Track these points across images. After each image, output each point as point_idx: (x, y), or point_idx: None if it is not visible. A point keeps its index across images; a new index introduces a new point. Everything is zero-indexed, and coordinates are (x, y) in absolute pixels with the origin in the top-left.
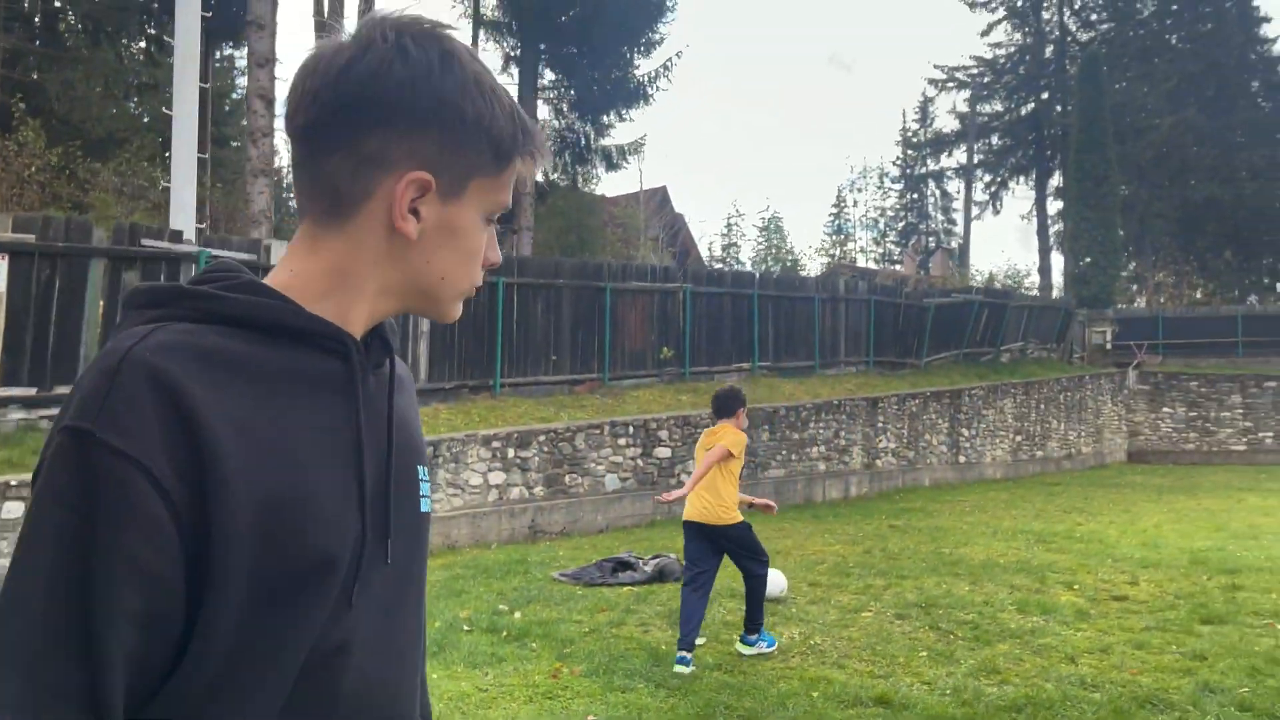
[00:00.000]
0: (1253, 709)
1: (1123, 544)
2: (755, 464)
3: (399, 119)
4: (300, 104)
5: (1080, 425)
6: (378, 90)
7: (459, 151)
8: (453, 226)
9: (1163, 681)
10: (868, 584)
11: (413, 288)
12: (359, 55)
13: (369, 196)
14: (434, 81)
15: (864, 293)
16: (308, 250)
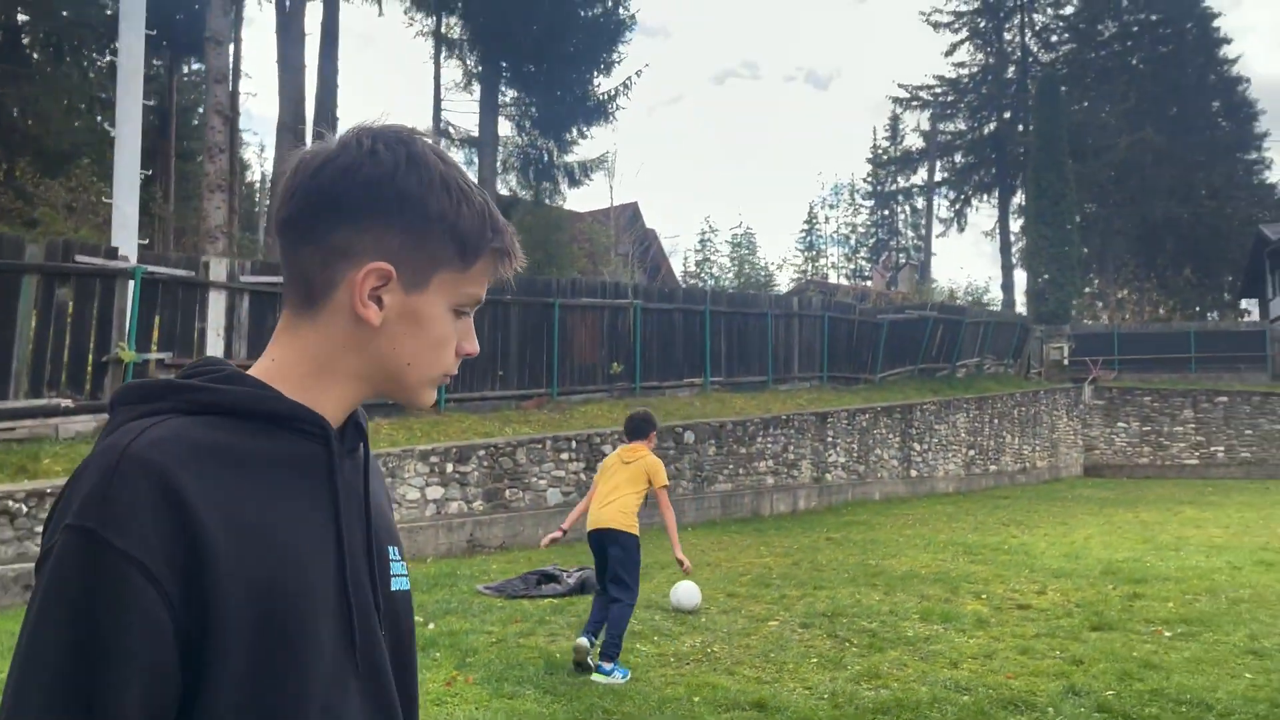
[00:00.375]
0: (1110, 710)
1: (1046, 555)
2: (702, 478)
3: (363, 214)
4: (282, 199)
5: (1035, 440)
6: (345, 188)
7: (422, 246)
8: (417, 315)
9: (1034, 685)
10: (783, 594)
11: (381, 373)
12: (334, 157)
13: (335, 286)
14: (398, 180)
15: (818, 309)
16: (288, 339)
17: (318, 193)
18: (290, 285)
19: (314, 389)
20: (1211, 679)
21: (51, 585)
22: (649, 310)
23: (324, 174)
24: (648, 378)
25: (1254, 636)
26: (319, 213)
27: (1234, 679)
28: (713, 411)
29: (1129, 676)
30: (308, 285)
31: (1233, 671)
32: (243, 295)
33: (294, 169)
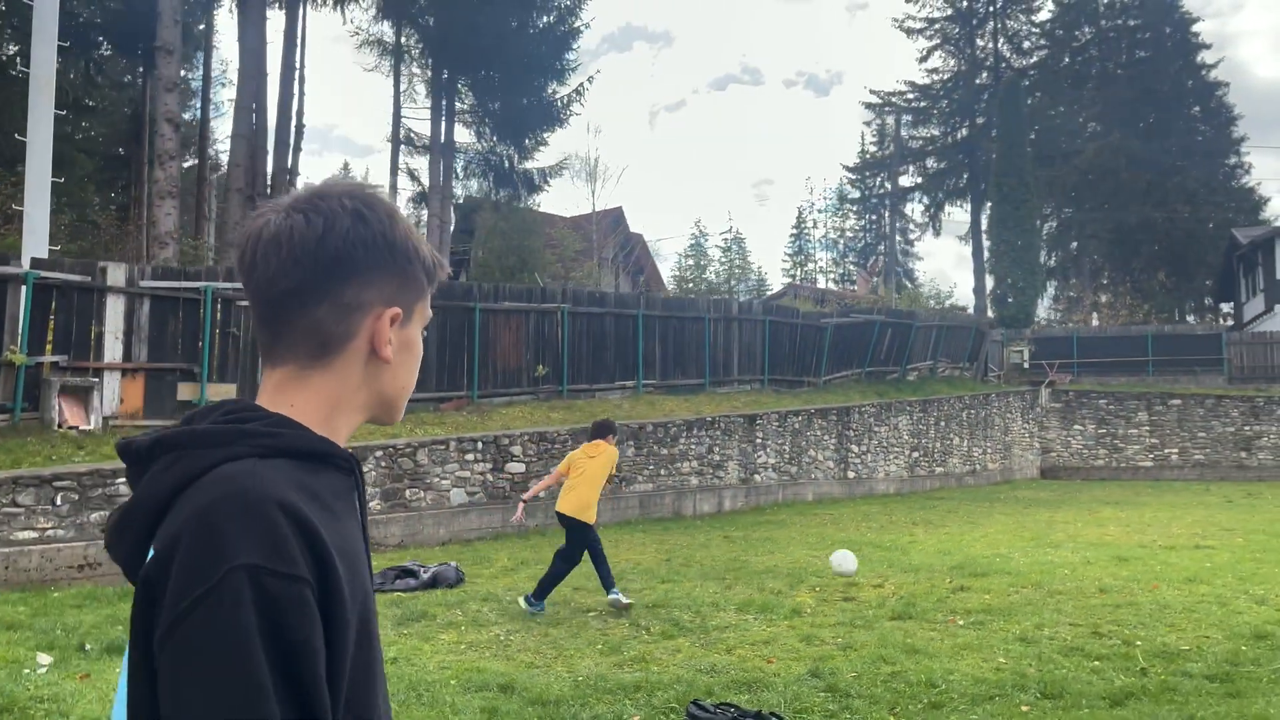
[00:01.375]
0: (836, 689)
1: (916, 552)
2: (620, 478)
3: (368, 270)
4: (282, 271)
5: (986, 442)
6: (349, 251)
7: (409, 284)
8: (409, 344)
9: (786, 668)
10: (625, 588)
11: (381, 400)
12: (330, 226)
13: (352, 336)
14: (388, 235)
15: (759, 313)
16: (301, 387)
17: (327, 260)
18: (297, 345)
19: (332, 427)
20: (959, 663)
21: (231, 620)
22: (578, 314)
23: (328, 241)
24: (577, 381)
25: (1038, 626)
26: (329, 276)
27: (984, 663)
28: (641, 414)
29: (884, 661)
30: (322, 339)
31: (988, 657)
32: (143, 300)
33: (281, 242)
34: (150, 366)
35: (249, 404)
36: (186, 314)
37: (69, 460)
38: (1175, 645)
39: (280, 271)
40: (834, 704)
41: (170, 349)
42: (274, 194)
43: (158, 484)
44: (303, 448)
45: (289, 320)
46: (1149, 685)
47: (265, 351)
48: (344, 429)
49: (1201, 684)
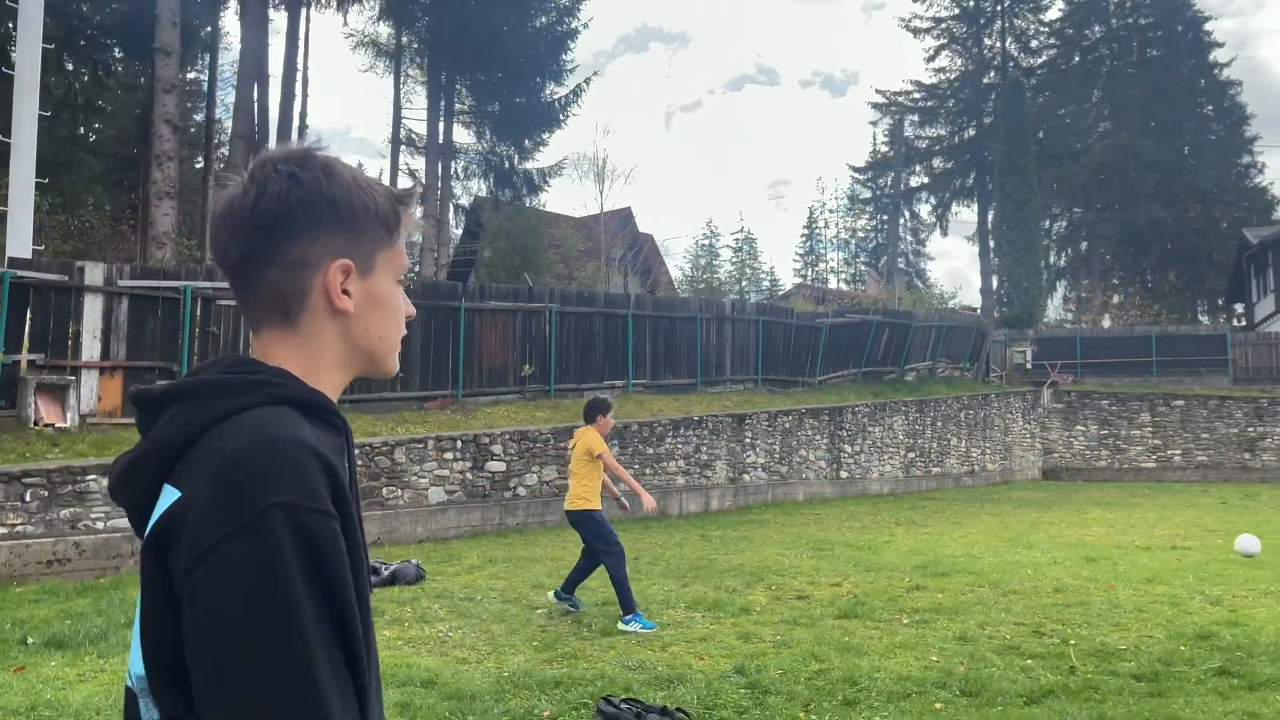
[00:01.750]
0: (757, 686)
1: (886, 551)
2: None
3: (308, 227)
4: (231, 241)
5: (985, 443)
6: (286, 210)
7: (360, 237)
8: (376, 295)
9: (714, 665)
10: (584, 587)
11: (359, 353)
12: (263, 190)
13: (308, 293)
14: (324, 191)
15: (752, 313)
16: (279, 349)
17: (264, 223)
18: (264, 310)
19: (316, 385)
20: (888, 661)
21: (275, 549)
22: (566, 314)
23: (262, 205)
24: (565, 380)
25: (982, 625)
26: (272, 238)
27: (915, 661)
28: (629, 413)
29: (814, 658)
30: (282, 302)
31: (921, 655)
32: (121, 299)
33: (228, 213)
34: (128, 365)
35: (250, 358)
36: (166, 313)
37: (43, 457)
38: (1113, 645)
39: (230, 241)
40: (749, 700)
41: (149, 347)
42: None
43: (170, 430)
44: (304, 398)
45: (250, 287)
46: (1073, 684)
47: (248, 321)
48: (329, 387)
49: (1127, 683)
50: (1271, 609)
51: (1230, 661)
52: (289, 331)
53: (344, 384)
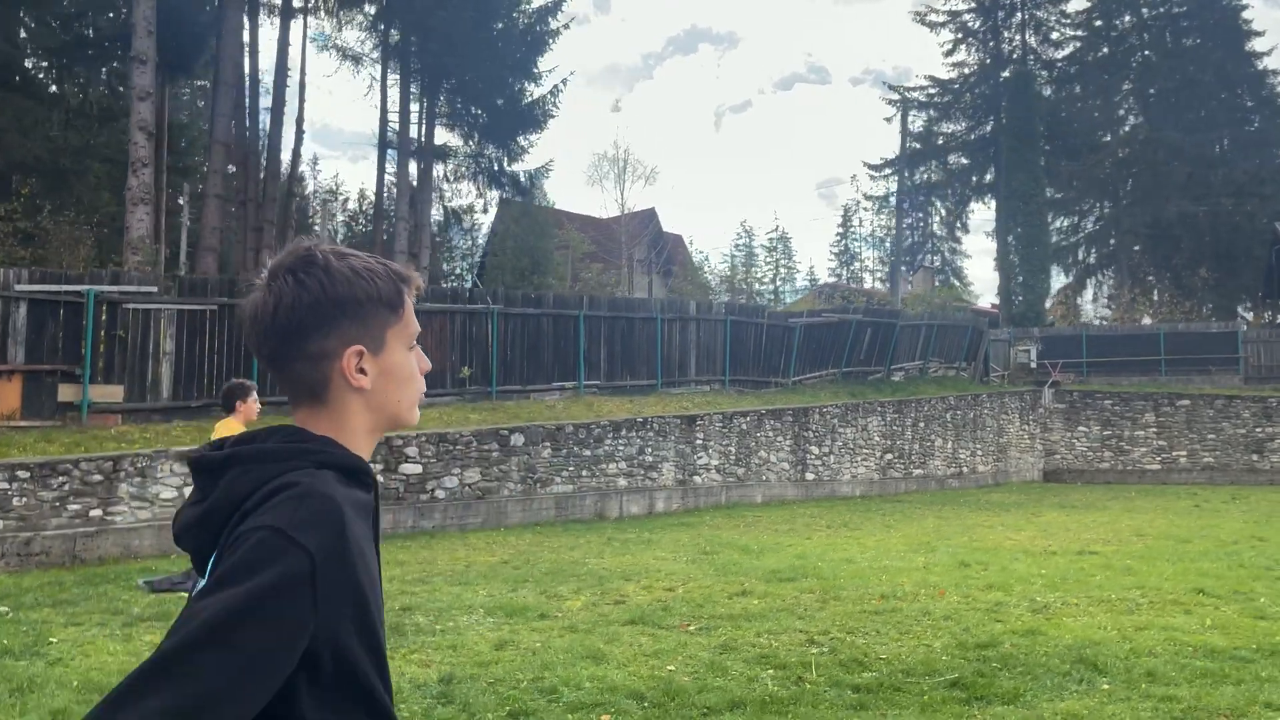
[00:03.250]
0: (445, 696)
1: (769, 555)
2: (534, 480)
3: (321, 326)
4: (260, 342)
5: (975, 444)
6: (300, 316)
7: (367, 322)
8: (388, 367)
9: (426, 673)
10: (435, 589)
11: (384, 419)
12: (278, 300)
13: (329, 378)
14: (328, 293)
15: (719, 313)
16: (317, 424)
17: (283, 329)
18: (297, 393)
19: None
20: (615, 671)
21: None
22: (511, 315)
23: (280, 315)
24: (510, 381)
25: (761, 633)
26: (292, 340)
27: (644, 670)
28: (575, 414)
29: (545, 667)
30: (311, 387)
31: (658, 666)
32: (18, 303)
33: (254, 319)
34: (27, 368)
35: (300, 429)
36: (67, 316)
37: None
38: (875, 655)
39: (258, 343)
40: (420, 710)
41: (50, 351)
42: (264, 200)
43: (233, 489)
44: (344, 463)
45: (283, 376)
46: (783, 694)
47: (289, 400)
48: (363, 449)
49: (842, 694)
50: (1092, 618)
51: (978, 673)
52: (321, 408)
53: (375, 442)
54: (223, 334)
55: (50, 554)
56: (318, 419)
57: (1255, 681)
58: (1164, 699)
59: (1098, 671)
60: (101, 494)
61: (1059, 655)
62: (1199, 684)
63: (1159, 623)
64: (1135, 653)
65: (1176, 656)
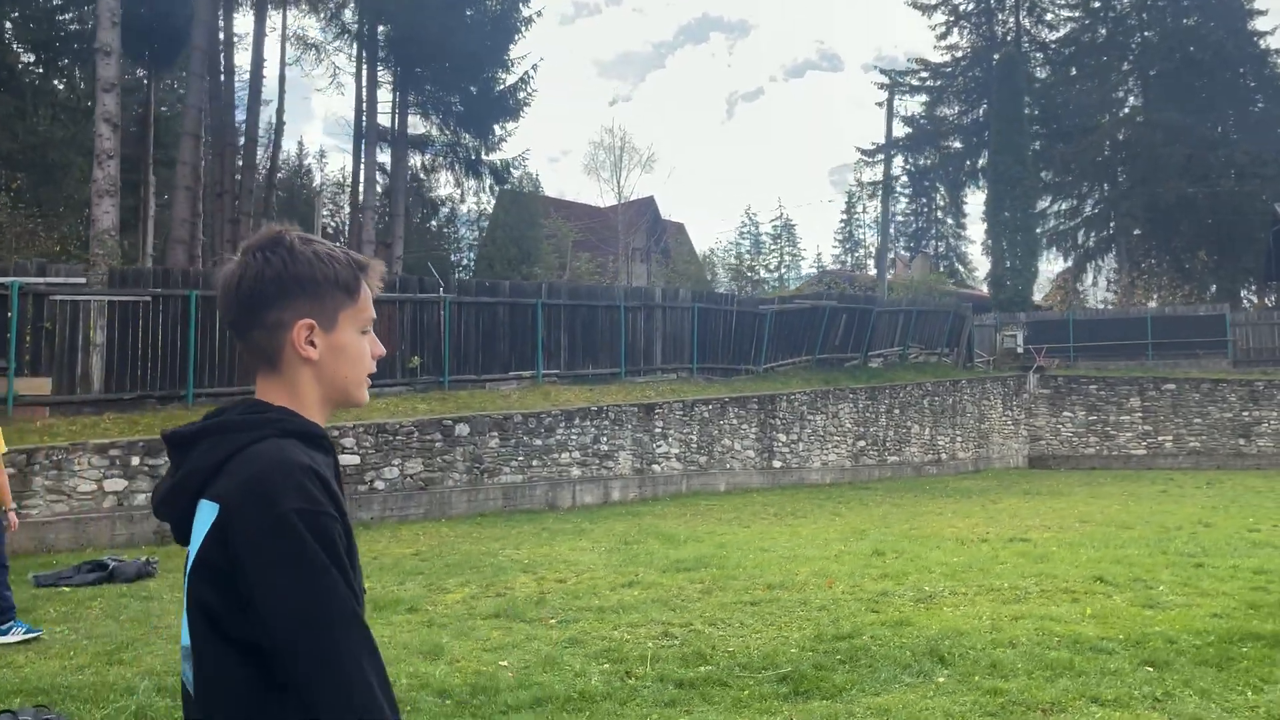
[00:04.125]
0: None
1: (689, 545)
2: (480, 470)
3: (278, 299)
4: (227, 309)
5: (955, 430)
6: (261, 288)
7: (322, 301)
8: (338, 345)
9: None
10: None
11: (334, 393)
12: (243, 272)
13: (282, 348)
14: (289, 269)
15: (686, 300)
16: (271, 391)
17: (246, 298)
18: (255, 359)
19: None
20: (443, 668)
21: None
22: (465, 304)
23: (244, 285)
24: (464, 371)
25: (619, 625)
26: (253, 309)
27: (473, 665)
28: (530, 404)
29: (401, 661)
30: (267, 354)
31: (516, 657)
32: None
33: (224, 289)
34: None
35: (262, 401)
36: None
37: None
38: (724, 648)
39: (224, 309)
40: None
41: None
42: (240, 193)
43: (205, 459)
44: (304, 430)
45: (243, 342)
46: (598, 690)
47: (250, 368)
48: (318, 417)
49: (664, 690)
50: (973, 608)
51: (817, 667)
52: (276, 377)
53: (329, 414)
54: (157, 325)
55: None
56: (274, 387)
57: (1097, 674)
58: (990, 691)
59: (943, 663)
60: (15, 486)
61: (914, 647)
62: (1038, 676)
63: (1039, 612)
64: (996, 643)
65: (1036, 647)
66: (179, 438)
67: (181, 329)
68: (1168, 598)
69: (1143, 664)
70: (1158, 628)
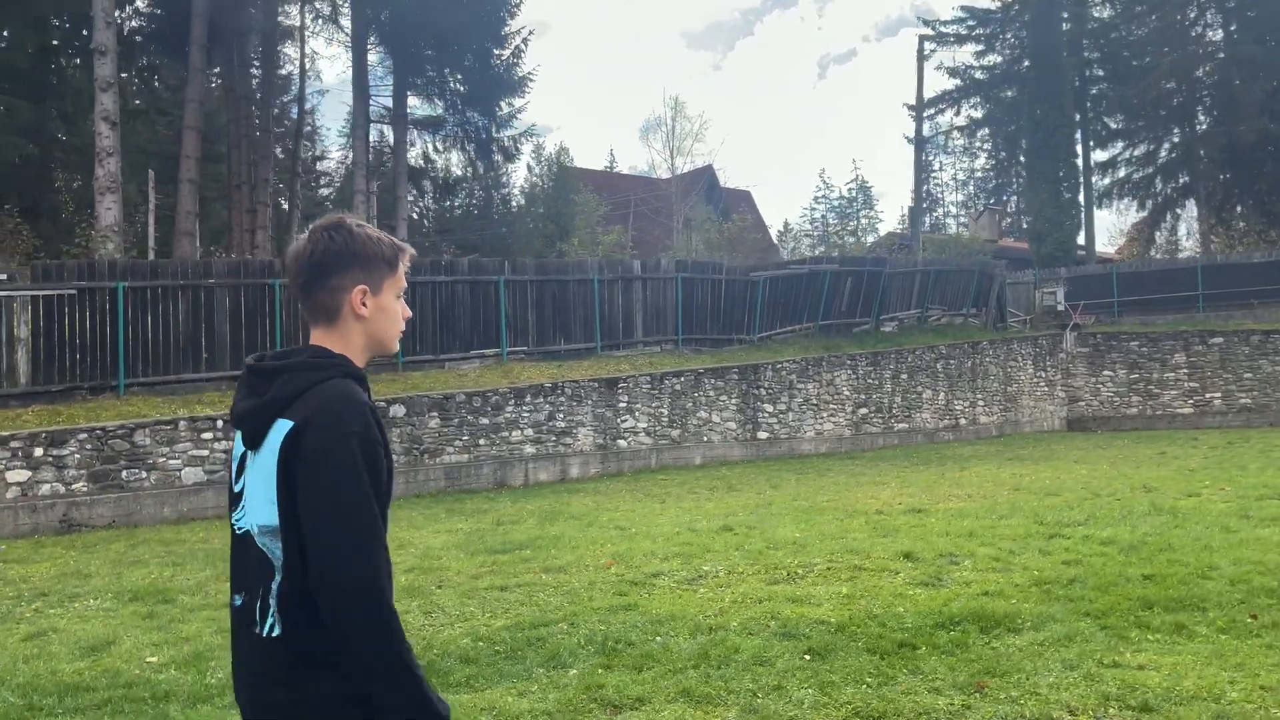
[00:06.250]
0: None
1: (569, 525)
2: (420, 450)
3: (341, 269)
4: (298, 275)
5: (975, 394)
6: (327, 260)
7: (371, 272)
8: (382, 306)
9: None
10: (128, 569)
11: (373, 343)
12: (314, 247)
13: (340, 306)
14: (349, 246)
15: (669, 270)
16: (328, 340)
17: (316, 266)
18: (317, 315)
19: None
20: (148, 653)
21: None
22: (419, 284)
23: (315, 257)
24: (420, 351)
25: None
26: (321, 275)
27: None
28: (487, 382)
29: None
30: (328, 311)
31: (186, 649)
32: None
33: (296, 258)
34: None
35: (324, 348)
36: None
37: None
38: (417, 637)
39: (296, 274)
40: None
41: None
42: (257, 183)
43: (286, 389)
44: (358, 374)
45: (307, 301)
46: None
47: (307, 318)
48: (360, 362)
49: None
50: (727, 590)
51: (465, 658)
52: (332, 328)
53: (367, 360)
54: (83, 318)
55: None
56: (331, 337)
57: (742, 665)
58: (588, 688)
59: (604, 653)
60: None
61: (594, 636)
62: (674, 666)
63: (793, 594)
64: (701, 629)
65: (732, 634)
66: (263, 370)
67: (110, 320)
68: (958, 575)
69: (806, 653)
70: (898, 609)
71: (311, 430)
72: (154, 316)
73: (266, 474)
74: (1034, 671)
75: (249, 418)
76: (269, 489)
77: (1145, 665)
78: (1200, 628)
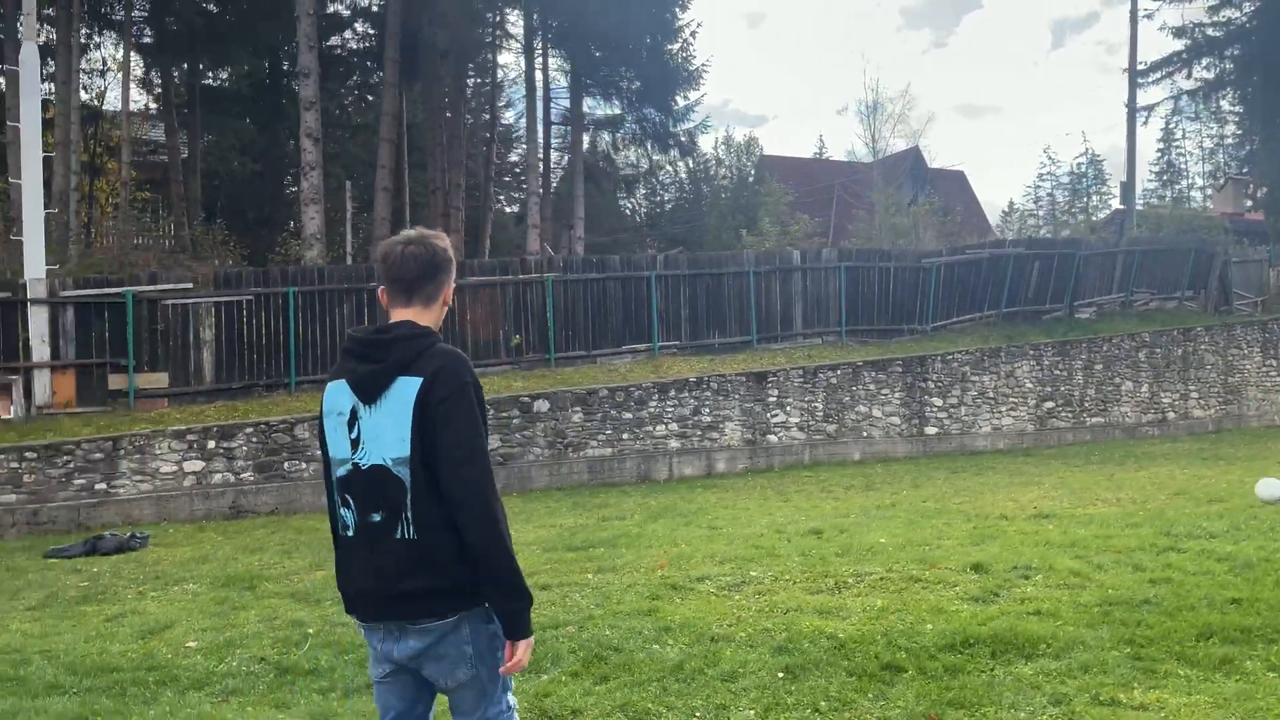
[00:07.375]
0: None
1: (669, 523)
2: (564, 444)
3: (443, 268)
4: (415, 269)
5: (1187, 385)
6: (435, 261)
7: (450, 273)
8: (449, 298)
9: None
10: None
11: (439, 321)
12: (427, 249)
13: (439, 294)
14: (445, 254)
15: (831, 260)
16: (424, 319)
17: (428, 265)
18: (417, 299)
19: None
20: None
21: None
22: (570, 282)
23: (427, 257)
24: (572, 348)
25: None
26: (425, 272)
27: (188, 644)
28: (635, 377)
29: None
30: (427, 297)
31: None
32: (66, 308)
33: (414, 257)
34: (79, 363)
35: (416, 323)
36: (112, 316)
37: None
38: None
39: (413, 269)
40: None
41: (98, 346)
42: (450, 189)
43: (404, 353)
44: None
45: (418, 289)
46: (182, 675)
47: (400, 301)
48: None
49: (255, 675)
50: (764, 599)
51: None
52: (425, 310)
53: None
54: (258, 322)
55: (57, 522)
56: (422, 315)
57: (715, 680)
58: (540, 694)
59: (585, 660)
60: (104, 469)
61: (587, 643)
62: (647, 678)
63: (821, 605)
64: (702, 639)
65: (735, 646)
66: (377, 340)
67: (281, 323)
68: (1019, 591)
69: (782, 670)
70: (925, 626)
71: (440, 382)
72: (321, 318)
73: (398, 417)
74: (1009, 705)
75: (369, 378)
76: (400, 428)
77: (1146, 705)
78: (1250, 662)
